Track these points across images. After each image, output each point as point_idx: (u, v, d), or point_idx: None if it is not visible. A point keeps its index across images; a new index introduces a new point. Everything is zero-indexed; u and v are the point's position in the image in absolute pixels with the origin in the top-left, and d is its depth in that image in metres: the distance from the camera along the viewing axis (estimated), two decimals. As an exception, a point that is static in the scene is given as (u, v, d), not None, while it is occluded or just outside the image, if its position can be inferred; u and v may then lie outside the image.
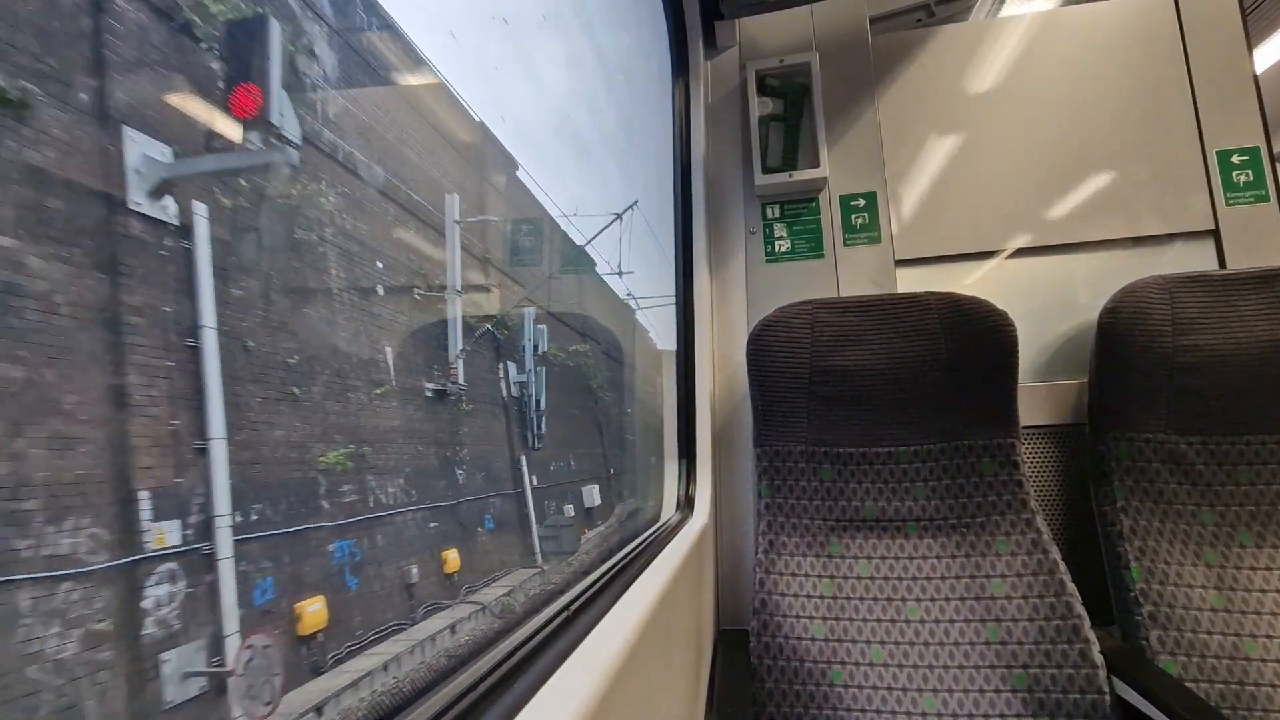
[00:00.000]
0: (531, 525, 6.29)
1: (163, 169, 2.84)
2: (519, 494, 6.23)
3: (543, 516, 6.48)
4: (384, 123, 5.03)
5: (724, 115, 1.55)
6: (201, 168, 3.12)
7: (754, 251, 1.50)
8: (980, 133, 1.47)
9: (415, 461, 4.70)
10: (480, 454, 5.62)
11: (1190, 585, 1.08)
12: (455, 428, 5.31)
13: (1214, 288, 1.17)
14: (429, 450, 4.90)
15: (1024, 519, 1.12)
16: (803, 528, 1.21)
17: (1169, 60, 1.42)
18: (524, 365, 6.41)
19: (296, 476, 3.61)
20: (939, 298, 1.20)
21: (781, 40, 1.56)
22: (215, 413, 3.01)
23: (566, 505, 7.23)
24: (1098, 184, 1.41)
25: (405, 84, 5.54)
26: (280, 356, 3.62)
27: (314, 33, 4.15)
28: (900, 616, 1.11)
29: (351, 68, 4.66)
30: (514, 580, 5.55)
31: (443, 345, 5.29)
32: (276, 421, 3.52)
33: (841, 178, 1.50)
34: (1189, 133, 1.39)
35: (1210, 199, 1.36)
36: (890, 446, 1.21)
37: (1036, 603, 1.06)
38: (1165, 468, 1.16)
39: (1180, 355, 1.15)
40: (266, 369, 3.51)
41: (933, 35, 1.52)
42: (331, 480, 3.84)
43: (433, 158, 5.67)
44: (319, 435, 3.81)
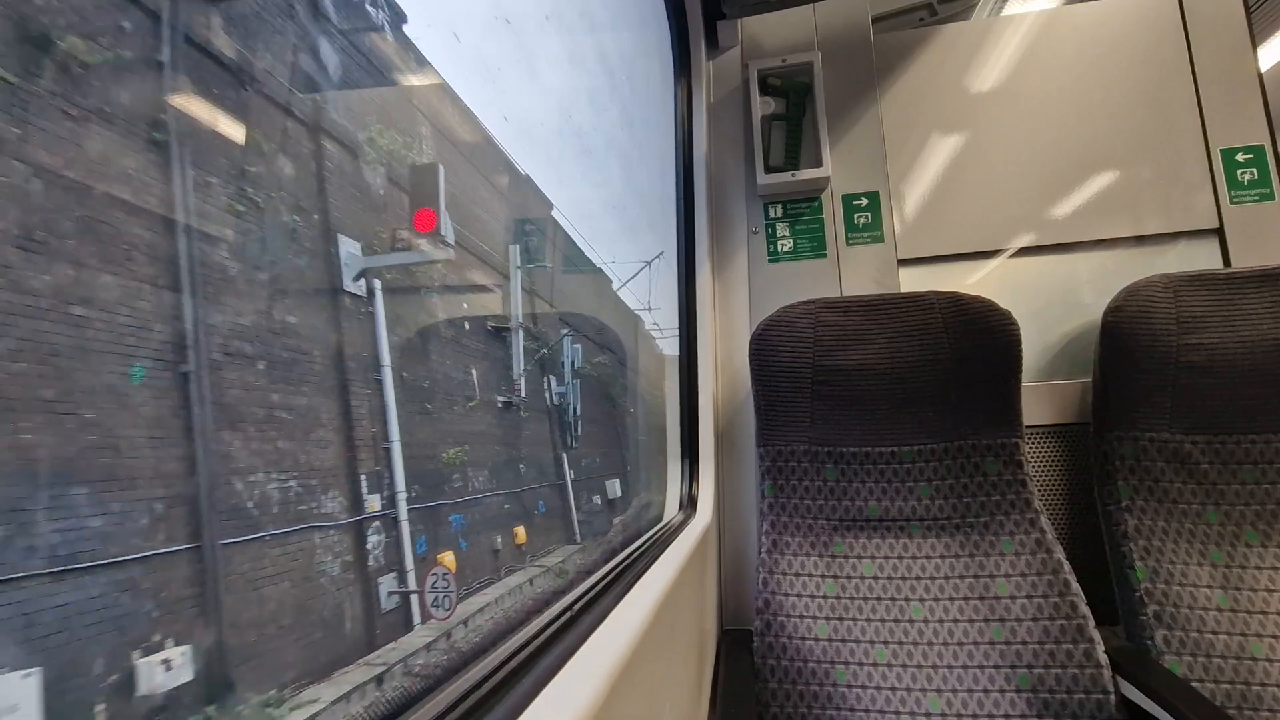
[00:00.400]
0: (572, 511, 7.74)
1: (362, 262, 4.47)
2: (561, 485, 7.71)
3: (579, 504, 7.90)
4: (470, 195, 6.56)
5: (726, 115, 1.55)
6: (388, 261, 4.77)
7: (756, 251, 1.50)
8: (983, 131, 1.47)
9: (494, 458, 6.25)
10: (535, 453, 7.21)
11: (1195, 585, 1.07)
12: (518, 431, 6.89)
13: (1218, 286, 1.16)
14: (502, 449, 6.46)
15: (1028, 519, 1.12)
16: (806, 527, 1.20)
17: (1173, 58, 1.42)
18: (563, 379, 7.78)
19: (431, 467, 5.14)
20: (942, 297, 1.20)
21: (784, 39, 1.56)
22: (393, 423, 4.57)
23: (595, 495, 8.49)
24: (1101, 182, 1.41)
25: (474, 151, 6.79)
26: (419, 382, 5.18)
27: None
28: (904, 616, 1.11)
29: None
30: (563, 554, 7.07)
31: (508, 365, 6.86)
32: (419, 428, 5.05)
33: (844, 177, 1.49)
34: (1193, 131, 1.39)
35: (1215, 197, 1.35)
36: (893, 446, 1.21)
37: (1041, 602, 1.06)
38: (1170, 467, 1.15)
39: (1185, 354, 1.15)
40: (413, 392, 5.05)
41: (935, 34, 1.51)
42: (449, 470, 5.40)
43: (496, 215, 7.14)
44: (441, 438, 5.39)
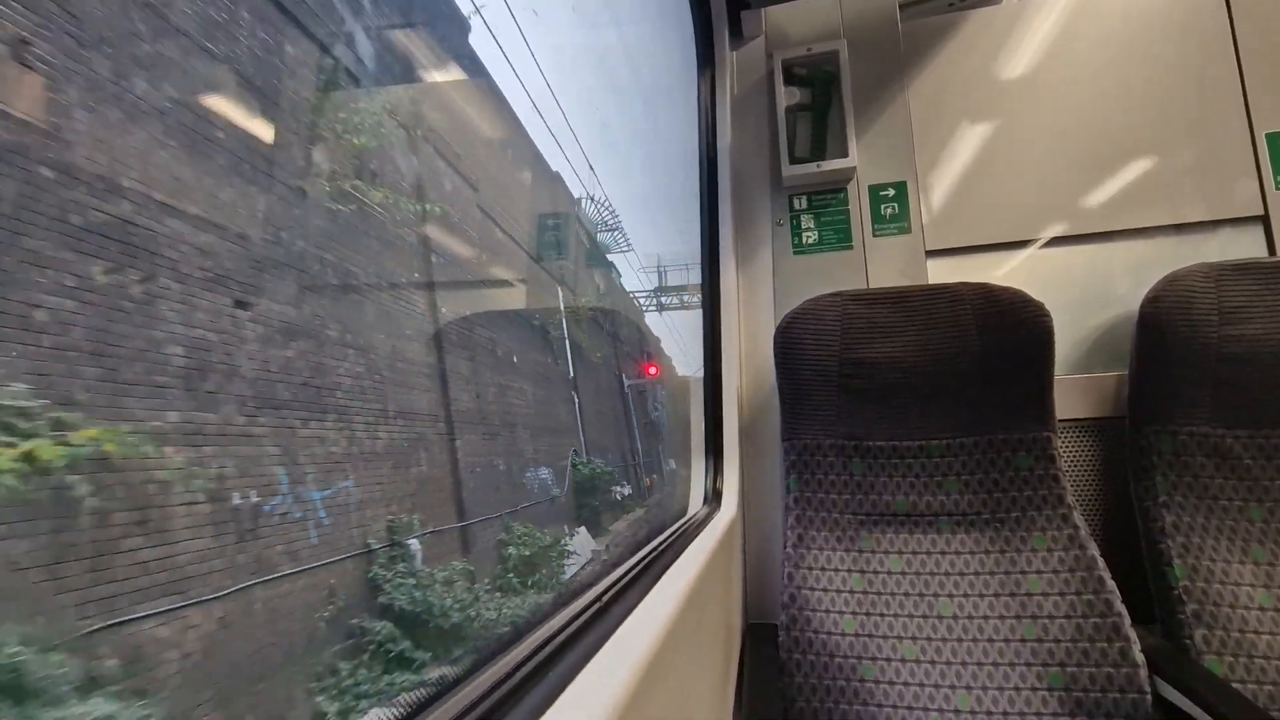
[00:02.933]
0: (643, 483, 10.82)
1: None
2: (636, 466, 10.66)
3: (650, 474, 11.02)
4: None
5: (750, 106, 1.54)
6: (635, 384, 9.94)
7: (781, 243, 1.49)
8: (1014, 118, 1.43)
9: (654, 451, 9.58)
10: (653, 447, 10.52)
11: (1237, 583, 1.04)
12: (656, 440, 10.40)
13: (1263, 275, 1.12)
14: (654, 449, 9.78)
15: (1060, 514, 1.10)
16: (832, 522, 1.19)
17: (1214, 38, 1.37)
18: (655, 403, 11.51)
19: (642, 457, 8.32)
20: (972, 288, 1.17)
21: (809, 28, 1.54)
22: (636, 438, 8.33)
23: (655, 474, 11.47)
24: (1138, 169, 1.36)
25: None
26: (648, 425, 8.42)
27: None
28: (932, 612, 1.09)
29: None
30: (641, 511, 9.31)
31: (656, 408, 10.90)
32: (645, 439, 7.94)
33: (870, 167, 1.47)
34: (1236, 114, 1.34)
35: (1260, 183, 1.31)
36: (922, 440, 1.20)
37: (1074, 599, 1.04)
38: (1210, 462, 1.12)
39: (1226, 345, 1.11)
40: (646, 428, 8.24)
41: (965, 19, 1.48)
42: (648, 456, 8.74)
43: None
44: (647, 445, 8.36)
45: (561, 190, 8.06)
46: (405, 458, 3.03)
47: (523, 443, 5.47)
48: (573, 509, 6.52)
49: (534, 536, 3.70)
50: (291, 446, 1.31)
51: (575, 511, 6.42)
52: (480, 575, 3.15)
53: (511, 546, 3.17)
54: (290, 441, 1.34)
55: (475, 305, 5.21)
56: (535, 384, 6.16)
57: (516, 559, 3.23)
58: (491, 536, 3.60)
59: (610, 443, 8.82)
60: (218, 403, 1.10)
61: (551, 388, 6.60)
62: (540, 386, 6.18)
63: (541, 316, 6.66)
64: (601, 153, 10.69)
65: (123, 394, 1.00)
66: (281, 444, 1.34)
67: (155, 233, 1.48)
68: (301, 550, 1.31)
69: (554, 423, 6.48)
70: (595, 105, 10.80)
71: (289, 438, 1.30)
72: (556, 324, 6.97)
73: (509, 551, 3.25)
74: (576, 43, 9.86)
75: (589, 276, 8.81)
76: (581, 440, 7.36)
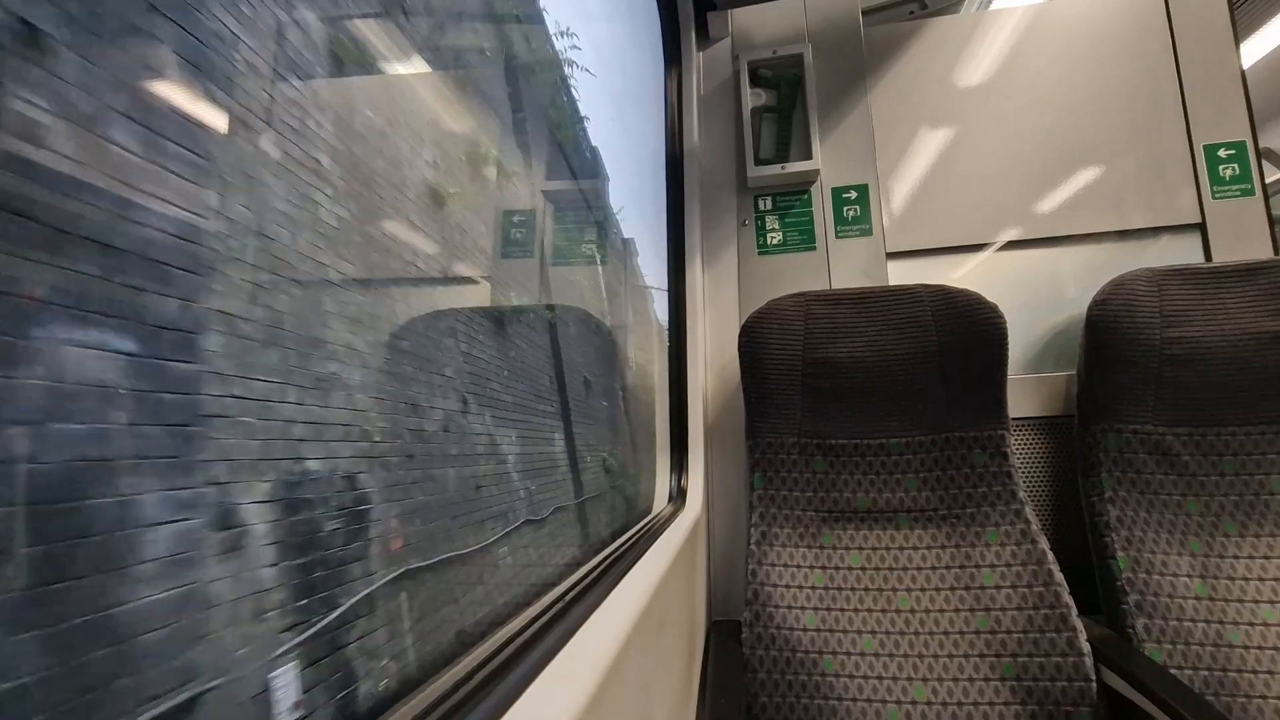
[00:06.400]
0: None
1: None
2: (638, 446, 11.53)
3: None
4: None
5: (717, 106, 1.55)
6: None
7: (746, 243, 1.50)
8: (971, 125, 1.47)
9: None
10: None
11: (1175, 574, 1.09)
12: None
13: (1201, 280, 1.18)
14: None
15: (1013, 510, 1.13)
16: (795, 519, 1.21)
17: (1158, 53, 1.43)
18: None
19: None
20: (930, 290, 1.20)
21: (774, 31, 1.56)
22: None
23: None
24: (1087, 177, 1.42)
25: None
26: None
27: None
28: (891, 606, 1.12)
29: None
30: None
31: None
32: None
33: (833, 170, 1.49)
34: (1177, 126, 1.40)
35: (1197, 192, 1.37)
36: (882, 438, 1.22)
37: (1025, 592, 1.07)
38: (1152, 459, 1.17)
39: (1168, 347, 1.16)
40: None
41: (925, 27, 1.52)
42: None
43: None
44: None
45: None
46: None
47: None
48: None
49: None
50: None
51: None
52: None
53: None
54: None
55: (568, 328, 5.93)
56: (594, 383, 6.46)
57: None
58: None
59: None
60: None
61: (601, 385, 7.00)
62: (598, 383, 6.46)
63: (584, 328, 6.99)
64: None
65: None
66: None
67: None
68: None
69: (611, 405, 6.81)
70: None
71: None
72: (601, 333, 7.17)
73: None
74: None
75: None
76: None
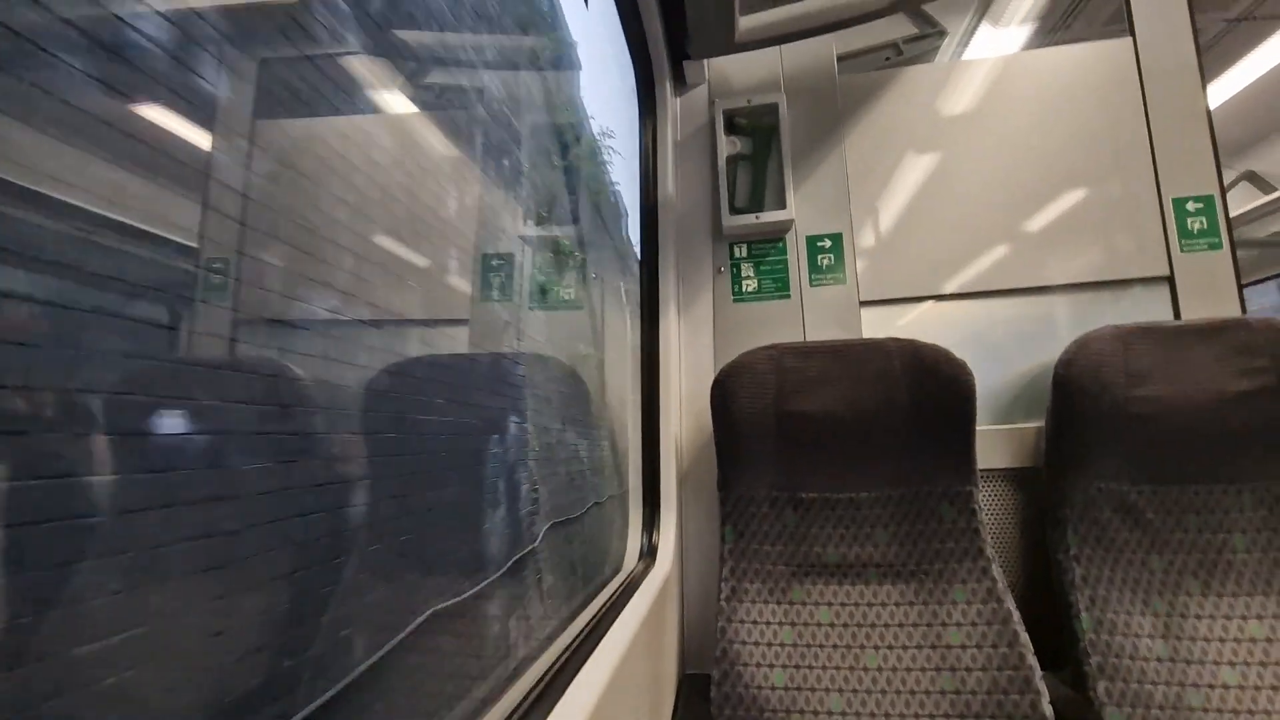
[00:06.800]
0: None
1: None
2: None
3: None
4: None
5: (693, 151, 1.55)
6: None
7: (722, 290, 1.51)
8: (944, 175, 1.48)
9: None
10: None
11: (1138, 635, 1.10)
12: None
13: (1167, 338, 1.19)
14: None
15: (980, 567, 1.14)
16: (765, 573, 1.21)
17: (1129, 106, 1.44)
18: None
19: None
20: (900, 345, 1.21)
21: (750, 79, 1.56)
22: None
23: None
24: (1059, 228, 1.43)
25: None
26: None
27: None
28: (859, 664, 1.12)
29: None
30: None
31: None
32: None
33: (808, 218, 1.50)
34: (1147, 178, 1.42)
35: (1166, 246, 1.39)
36: (852, 492, 1.23)
37: (990, 652, 1.08)
38: (1117, 516, 1.18)
39: (1133, 406, 1.17)
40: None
41: (899, 76, 1.53)
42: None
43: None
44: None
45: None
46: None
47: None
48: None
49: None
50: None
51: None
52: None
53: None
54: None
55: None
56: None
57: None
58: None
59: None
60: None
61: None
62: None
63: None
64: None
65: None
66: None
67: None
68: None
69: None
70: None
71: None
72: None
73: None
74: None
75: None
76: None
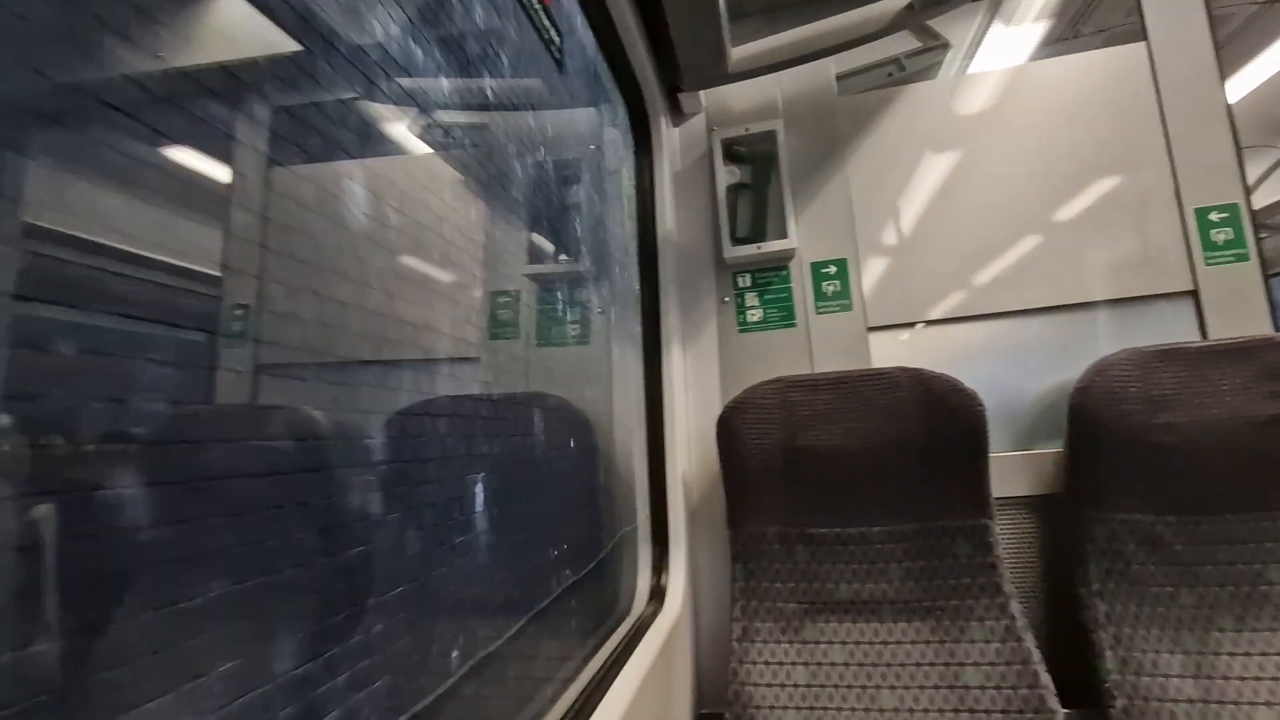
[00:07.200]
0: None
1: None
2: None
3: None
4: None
5: (693, 181, 1.54)
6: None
7: (726, 321, 1.49)
8: (952, 193, 1.45)
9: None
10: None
11: (1166, 675, 1.06)
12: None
13: (1190, 361, 1.14)
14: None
15: (998, 604, 1.11)
16: (777, 612, 1.20)
17: (1144, 114, 1.39)
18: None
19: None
20: (909, 375, 1.18)
21: (749, 103, 1.55)
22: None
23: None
24: (1075, 244, 1.38)
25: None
26: None
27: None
28: (875, 705, 1.10)
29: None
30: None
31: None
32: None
33: (812, 244, 1.48)
34: (1166, 189, 1.36)
35: (1189, 259, 1.33)
36: (863, 527, 1.20)
37: (1010, 694, 1.05)
38: (1142, 549, 1.14)
39: (1156, 434, 1.13)
40: None
41: (901, 95, 1.49)
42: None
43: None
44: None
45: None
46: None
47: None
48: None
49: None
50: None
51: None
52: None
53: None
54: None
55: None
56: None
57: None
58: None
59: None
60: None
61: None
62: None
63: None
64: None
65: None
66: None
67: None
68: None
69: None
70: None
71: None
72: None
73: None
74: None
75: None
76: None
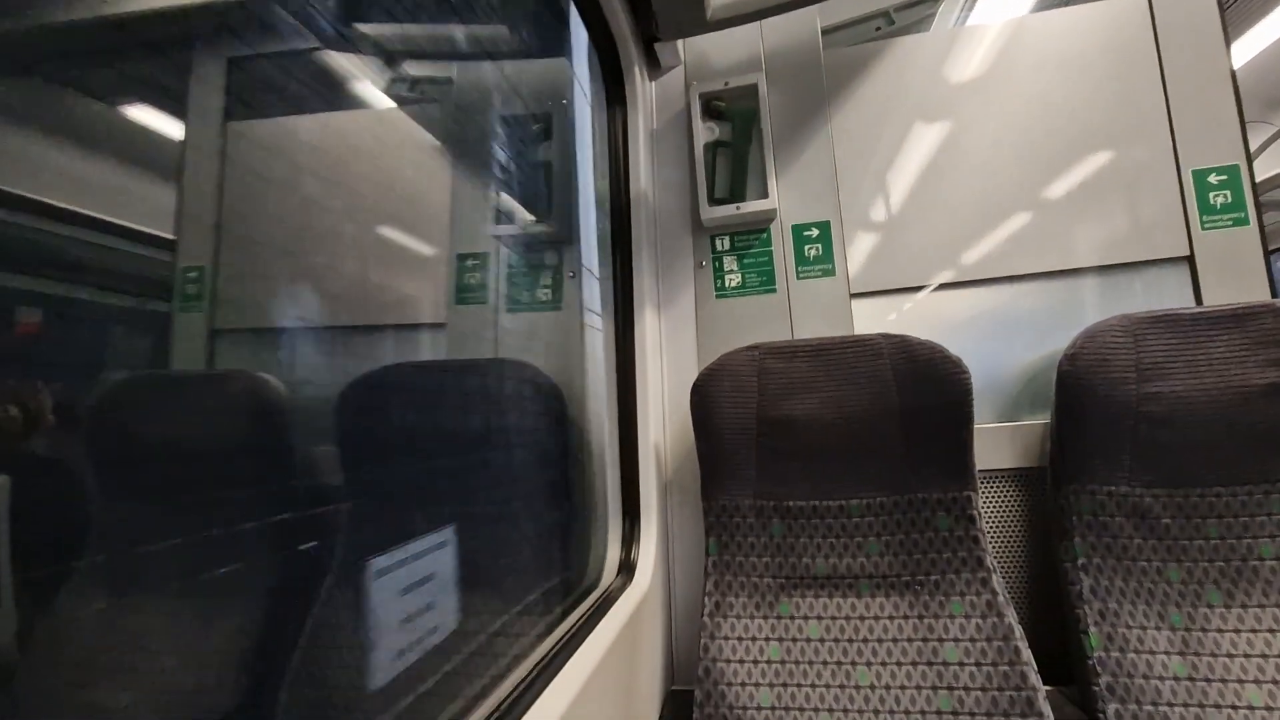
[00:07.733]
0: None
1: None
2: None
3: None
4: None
5: (670, 139, 1.46)
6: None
7: (704, 286, 1.43)
8: (941, 155, 1.38)
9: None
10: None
11: (1152, 651, 1.02)
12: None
13: (1183, 328, 1.09)
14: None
15: (979, 578, 1.07)
16: (751, 586, 1.15)
17: (1143, 71, 1.32)
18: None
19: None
20: (891, 342, 1.13)
21: (729, 58, 1.47)
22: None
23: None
24: (1067, 207, 1.32)
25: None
26: None
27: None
28: (850, 682, 1.06)
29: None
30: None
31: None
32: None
33: (793, 206, 1.41)
34: (1164, 150, 1.30)
35: (1185, 222, 1.27)
36: (841, 500, 1.16)
37: (990, 670, 1.01)
38: (1129, 523, 1.09)
39: (1145, 404, 1.08)
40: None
41: (891, 47, 1.42)
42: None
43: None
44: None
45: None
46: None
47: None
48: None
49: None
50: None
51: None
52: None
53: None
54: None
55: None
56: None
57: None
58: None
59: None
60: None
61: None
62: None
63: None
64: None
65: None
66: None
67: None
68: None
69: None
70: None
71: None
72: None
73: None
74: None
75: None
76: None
